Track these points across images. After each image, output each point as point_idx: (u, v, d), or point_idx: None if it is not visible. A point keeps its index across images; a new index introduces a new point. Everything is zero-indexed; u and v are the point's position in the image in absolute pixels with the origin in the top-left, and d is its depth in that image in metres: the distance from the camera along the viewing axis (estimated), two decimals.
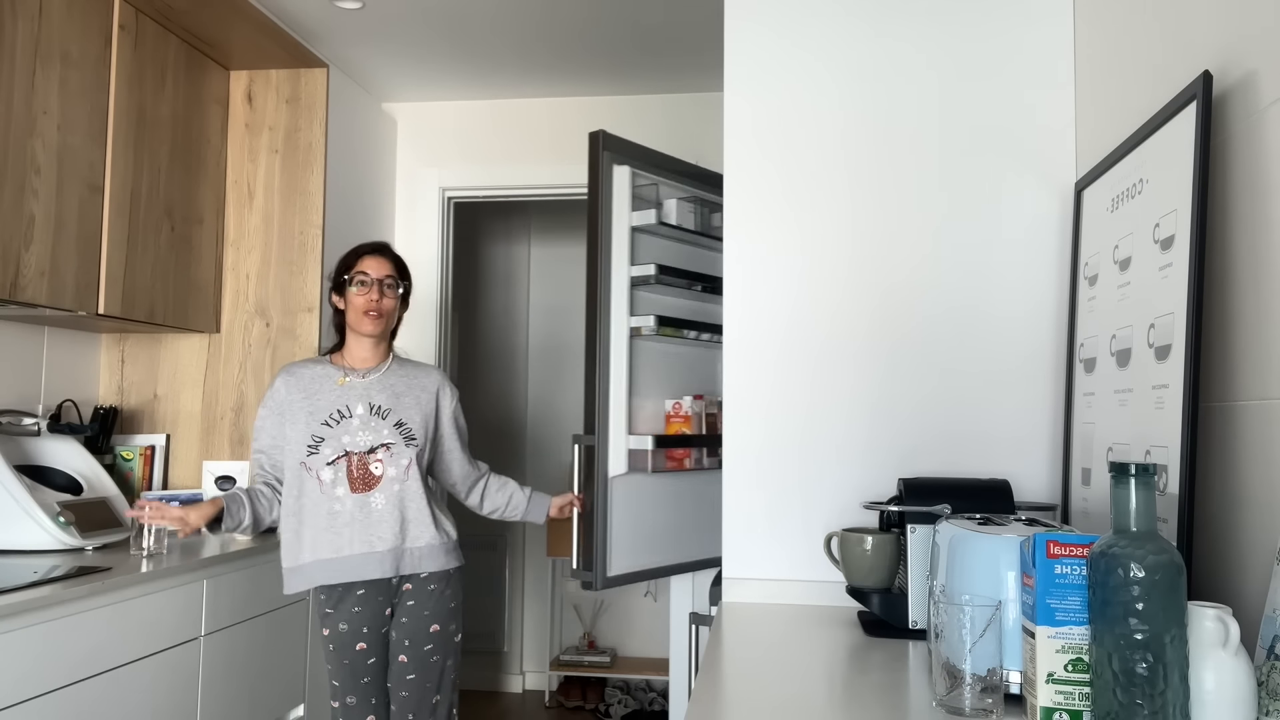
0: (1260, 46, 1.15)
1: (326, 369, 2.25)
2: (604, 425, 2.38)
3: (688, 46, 3.12)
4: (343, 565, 2.15)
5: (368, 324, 2.22)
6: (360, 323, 2.23)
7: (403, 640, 2.21)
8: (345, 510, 2.16)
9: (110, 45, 2.49)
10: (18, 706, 1.75)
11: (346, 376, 2.23)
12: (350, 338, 2.28)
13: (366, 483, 2.17)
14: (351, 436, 2.18)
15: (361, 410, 2.20)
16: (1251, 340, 1.16)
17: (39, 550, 2.24)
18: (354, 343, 2.27)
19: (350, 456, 2.17)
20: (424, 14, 2.90)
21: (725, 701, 1.16)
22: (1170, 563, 0.90)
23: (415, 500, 2.20)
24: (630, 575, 2.47)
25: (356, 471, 2.17)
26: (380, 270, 2.25)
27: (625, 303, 2.43)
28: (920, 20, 1.89)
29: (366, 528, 2.16)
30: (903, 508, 1.52)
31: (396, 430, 2.21)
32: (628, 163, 2.46)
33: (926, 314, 1.85)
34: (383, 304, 2.24)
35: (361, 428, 2.19)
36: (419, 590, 2.22)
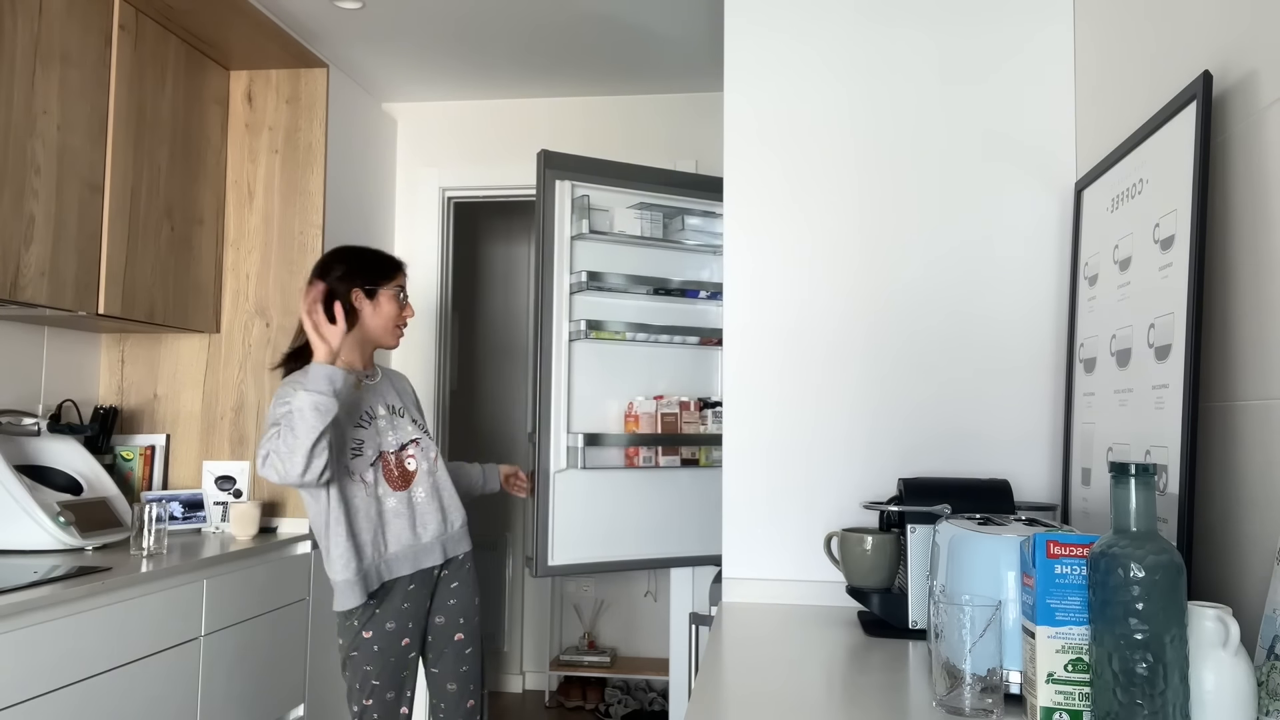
0: (1260, 46, 1.15)
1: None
2: (545, 422, 2.55)
3: (687, 47, 3.12)
4: (403, 557, 2.17)
5: (393, 338, 2.27)
6: (387, 334, 2.25)
7: (456, 619, 2.28)
8: (391, 508, 2.18)
9: (110, 45, 2.49)
10: (18, 706, 1.75)
11: (360, 379, 2.23)
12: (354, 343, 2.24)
13: (405, 479, 2.20)
14: (381, 437, 2.20)
15: (383, 411, 2.22)
16: (1251, 340, 1.16)
17: (39, 550, 2.24)
18: (357, 349, 2.25)
19: (385, 456, 2.19)
20: (424, 14, 2.90)
21: (725, 701, 1.16)
22: (1170, 563, 0.90)
23: (447, 487, 2.28)
24: (575, 566, 2.62)
25: (395, 470, 2.19)
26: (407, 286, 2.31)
27: (566, 308, 2.61)
28: (920, 21, 1.89)
29: (413, 521, 2.20)
30: (903, 508, 1.52)
31: (416, 426, 2.27)
32: (569, 177, 2.64)
33: (926, 314, 1.85)
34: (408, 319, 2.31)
35: (388, 428, 2.22)
36: (457, 571, 2.29)
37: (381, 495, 2.17)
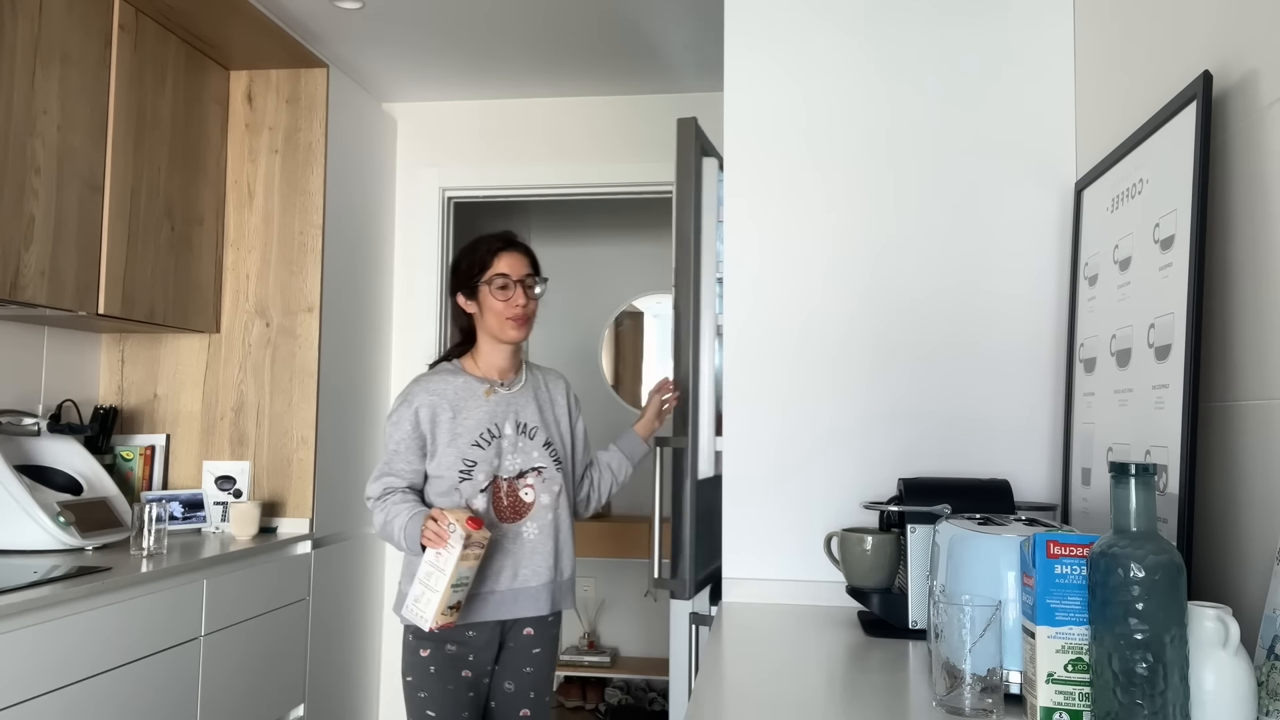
0: (1260, 46, 1.15)
1: (468, 381, 2.01)
2: (695, 428, 2.16)
3: (688, 46, 3.12)
4: (498, 601, 1.93)
5: (514, 330, 2.00)
6: (504, 330, 2.00)
7: (526, 691, 2.01)
8: (494, 541, 1.91)
9: (110, 45, 2.49)
10: (18, 706, 1.75)
11: (493, 387, 2.01)
12: (485, 344, 2.05)
13: (516, 510, 1.95)
14: (501, 459, 1.96)
15: (510, 430, 1.98)
16: (1251, 340, 1.16)
17: (39, 550, 2.24)
18: (490, 350, 2.04)
19: (499, 482, 1.95)
20: (424, 14, 2.90)
21: (725, 701, 1.16)
22: (1170, 563, 0.90)
23: (565, 529, 2.01)
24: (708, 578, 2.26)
25: (506, 499, 1.95)
26: (519, 268, 2.02)
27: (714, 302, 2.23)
28: (921, 20, 1.89)
29: (518, 560, 1.94)
30: (903, 508, 1.52)
31: (547, 452, 2.01)
32: (715, 155, 2.27)
33: (926, 313, 1.85)
34: (527, 308, 2.01)
35: (510, 450, 1.98)
36: (544, 633, 2.02)
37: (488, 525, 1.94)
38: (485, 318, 2.01)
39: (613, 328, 4.85)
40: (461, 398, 1.97)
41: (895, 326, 1.85)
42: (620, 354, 4.88)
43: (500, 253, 2.02)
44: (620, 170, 3.56)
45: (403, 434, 1.96)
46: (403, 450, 1.96)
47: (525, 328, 2.01)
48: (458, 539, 1.77)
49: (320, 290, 2.99)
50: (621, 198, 3.75)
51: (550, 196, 3.71)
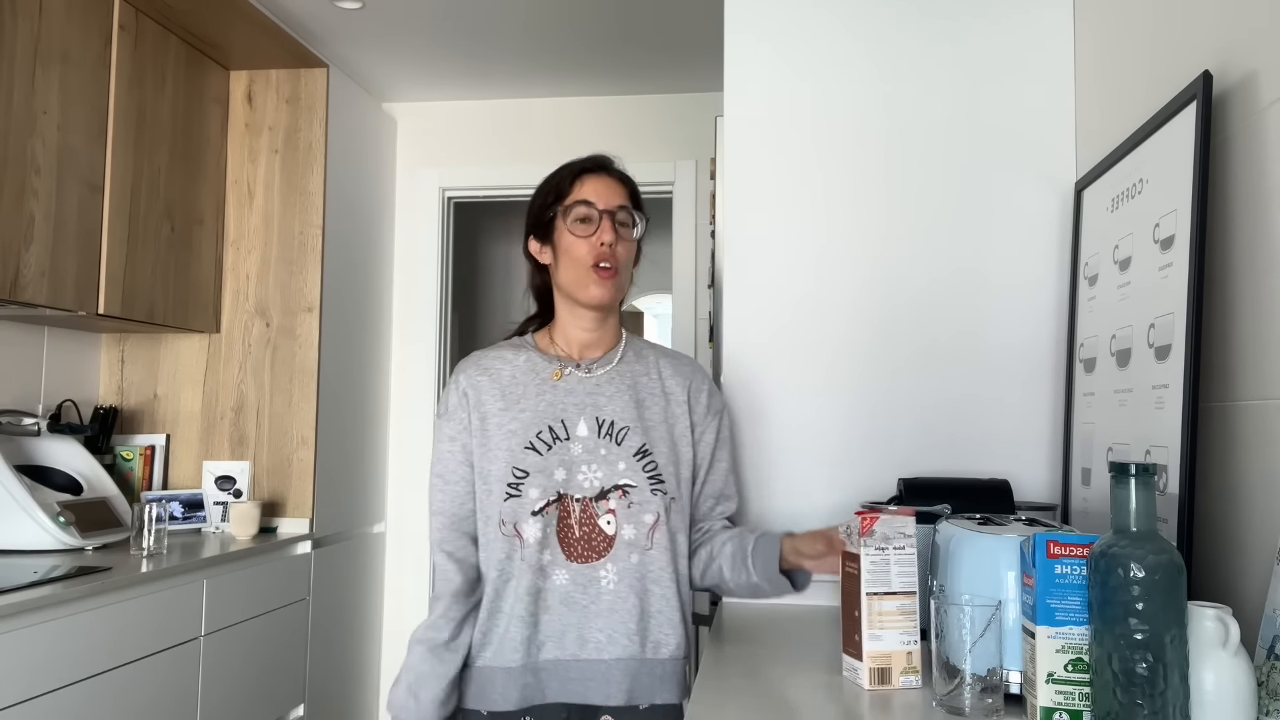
0: (1260, 46, 1.15)
1: (530, 357, 1.49)
2: None
3: (688, 46, 3.12)
4: (561, 674, 1.39)
5: (596, 284, 1.43)
6: (584, 283, 1.44)
7: None
8: (560, 588, 1.39)
9: (110, 45, 2.49)
10: (18, 706, 1.75)
11: (565, 368, 1.48)
12: (564, 311, 1.51)
13: (592, 545, 1.39)
14: (569, 471, 1.40)
15: (585, 428, 1.43)
16: (1251, 340, 1.16)
17: (39, 550, 2.24)
18: (569, 319, 1.50)
19: (567, 503, 1.39)
20: (424, 14, 2.90)
21: (725, 702, 1.16)
22: (1170, 563, 0.90)
23: (663, 581, 1.41)
24: None
25: (579, 529, 1.39)
26: (610, 197, 1.47)
27: None
28: (920, 20, 1.89)
29: (587, 618, 1.39)
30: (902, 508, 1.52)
31: (638, 463, 1.42)
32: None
33: (926, 313, 1.85)
34: (617, 250, 1.44)
35: (585, 457, 1.41)
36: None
37: (547, 564, 1.38)
38: (560, 267, 1.47)
39: None
40: (519, 380, 1.45)
41: (895, 326, 1.85)
42: None
43: (586, 175, 1.49)
44: None
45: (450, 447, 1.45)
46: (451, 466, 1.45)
47: (614, 282, 1.44)
48: None
49: (320, 290, 2.99)
50: None
51: None
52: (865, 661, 1.18)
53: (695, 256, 3.52)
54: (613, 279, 1.44)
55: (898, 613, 1.18)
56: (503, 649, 1.39)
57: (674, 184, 3.55)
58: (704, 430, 1.52)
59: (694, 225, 3.52)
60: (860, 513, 1.22)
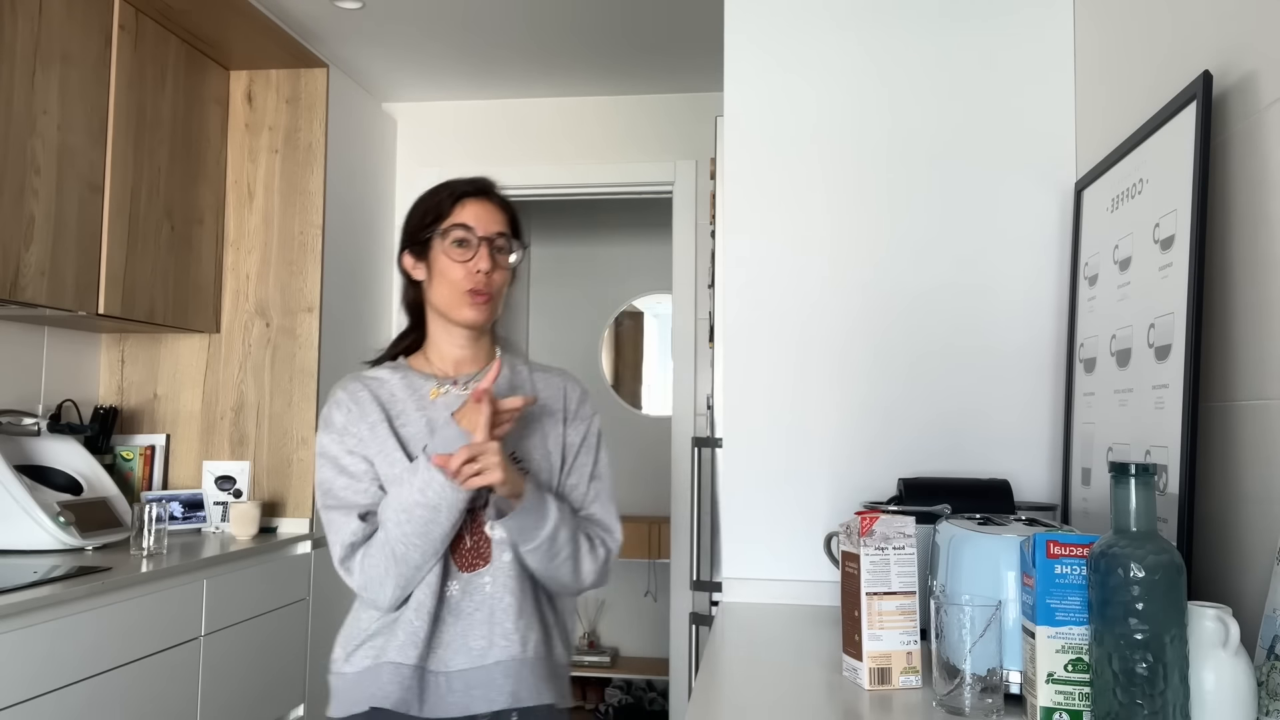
0: (1260, 46, 1.15)
1: (408, 377, 1.50)
2: None
3: (688, 46, 3.12)
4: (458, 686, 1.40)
5: (470, 309, 1.46)
6: (458, 305, 1.46)
7: None
8: (454, 600, 1.42)
9: (110, 45, 2.49)
10: (18, 706, 1.75)
11: (441, 386, 1.50)
12: (437, 328, 1.53)
13: (479, 553, 1.42)
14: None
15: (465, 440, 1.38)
16: (1251, 340, 1.16)
17: (39, 550, 2.24)
18: (443, 336, 1.52)
19: None
20: (424, 14, 2.90)
21: (725, 701, 1.16)
22: (1170, 563, 0.90)
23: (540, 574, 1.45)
24: None
25: (469, 538, 1.42)
26: (489, 224, 1.48)
27: None
28: (921, 20, 1.89)
29: (470, 625, 1.41)
30: (903, 508, 1.52)
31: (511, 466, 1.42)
32: None
33: (926, 313, 1.85)
34: (493, 277, 1.47)
35: None
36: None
37: (447, 573, 1.42)
38: (434, 287, 1.48)
39: (613, 328, 4.85)
40: (398, 398, 1.47)
41: (895, 326, 1.85)
42: (620, 354, 4.88)
43: (467, 199, 1.49)
44: (620, 170, 3.56)
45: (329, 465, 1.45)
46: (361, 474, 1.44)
47: (488, 307, 1.47)
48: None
49: (320, 290, 2.99)
50: (621, 198, 3.75)
51: (550, 196, 3.71)
52: (865, 661, 1.18)
53: (695, 256, 3.52)
54: (486, 304, 1.48)
55: (897, 613, 1.19)
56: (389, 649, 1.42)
57: (674, 184, 3.55)
58: (570, 431, 1.55)
59: (694, 225, 3.52)
60: (860, 513, 1.22)
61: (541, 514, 1.39)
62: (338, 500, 1.43)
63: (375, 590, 1.40)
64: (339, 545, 1.42)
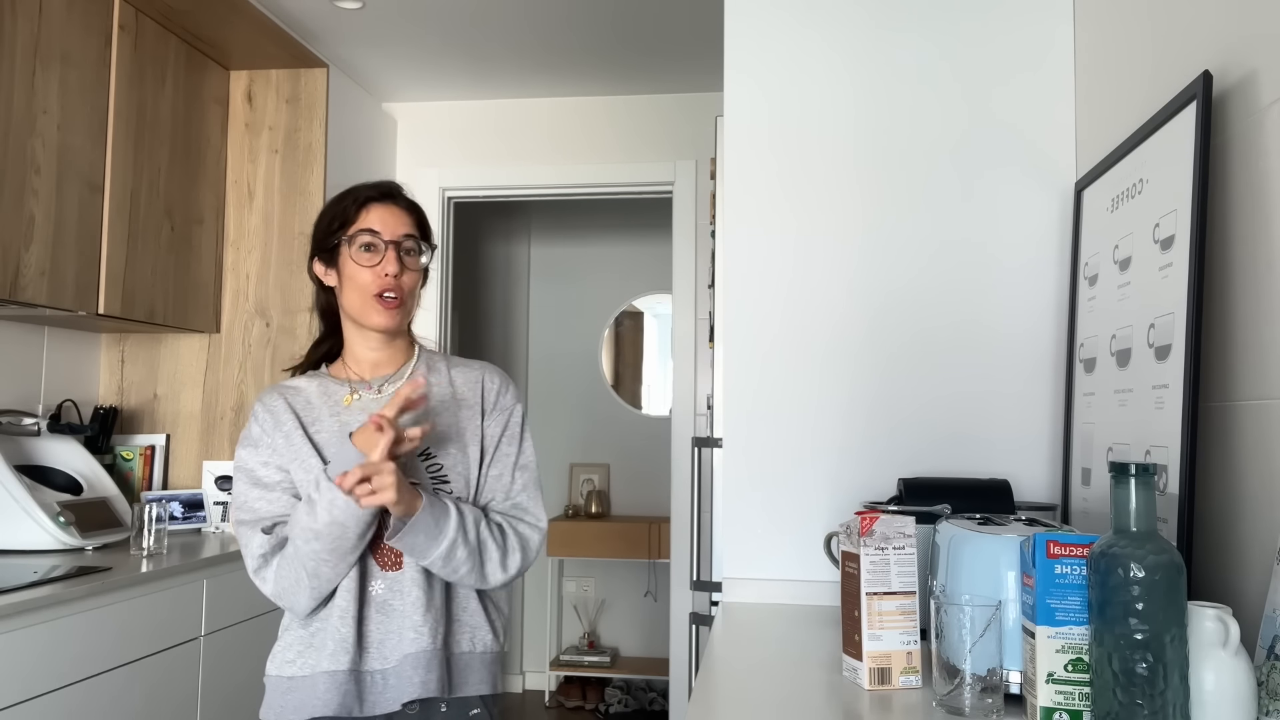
0: (1260, 46, 1.15)
1: (324, 384, 1.53)
2: None
3: (688, 46, 3.12)
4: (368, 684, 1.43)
5: (379, 313, 1.48)
6: (367, 310, 1.48)
7: None
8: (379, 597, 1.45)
9: (110, 45, 2.49)
10: (18, 706, 1.75)
11: (355, 393, 1.51)
12: (351, 333, 1.54)
13: (399, 553, 1.45)
14: None
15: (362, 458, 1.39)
16: (1251, 340, 1.16)
17: (39, 550, 2.24)
18: (357, 340, 1.54)
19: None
20: (424, 14, 2.90)
21: (725, 701, 1.16)
22: (1170, 563, 0.90)
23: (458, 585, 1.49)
24: None
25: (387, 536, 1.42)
26: (396, 227, 1.49)
27: None
28: (920, 20, 1.89)
29: (389, 621, 1.44)
30: (903, 508, 1.52)
31: (422, 465, 1.48)
32: None
33: (926, 313, 1.85)
34: (402, 280, 1.48)
35: None
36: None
37: (367, 573, 1.45)
38: (345, 293, 1.50)
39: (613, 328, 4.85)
40: (313, 405, 1.50)
41: (894, 326, 1.85)
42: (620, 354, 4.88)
43: (371, 204, 1.50)
44: (620, 170, 3.56)
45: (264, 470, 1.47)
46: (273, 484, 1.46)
47: (398, 311, 1.48)
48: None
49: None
50: (621, 198, 3.75)
51: (550, 196, 3.71)
52: (865, 661, 1.18)
53: (695, 256, 3.52)
54: (397, 308, 1.49)
55: (897, 613, 1.19)
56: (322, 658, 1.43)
57: (674, 184, 3.55)
58: (490, 423, 1.55)
59: (694, 225, 3.52)
60: (860, 513, 1.22)
61: (435, 533, 1.39)
62: (250, 513, 1.46)
63: (290, 599, 1.44)
64: (251, 558, 1.45)
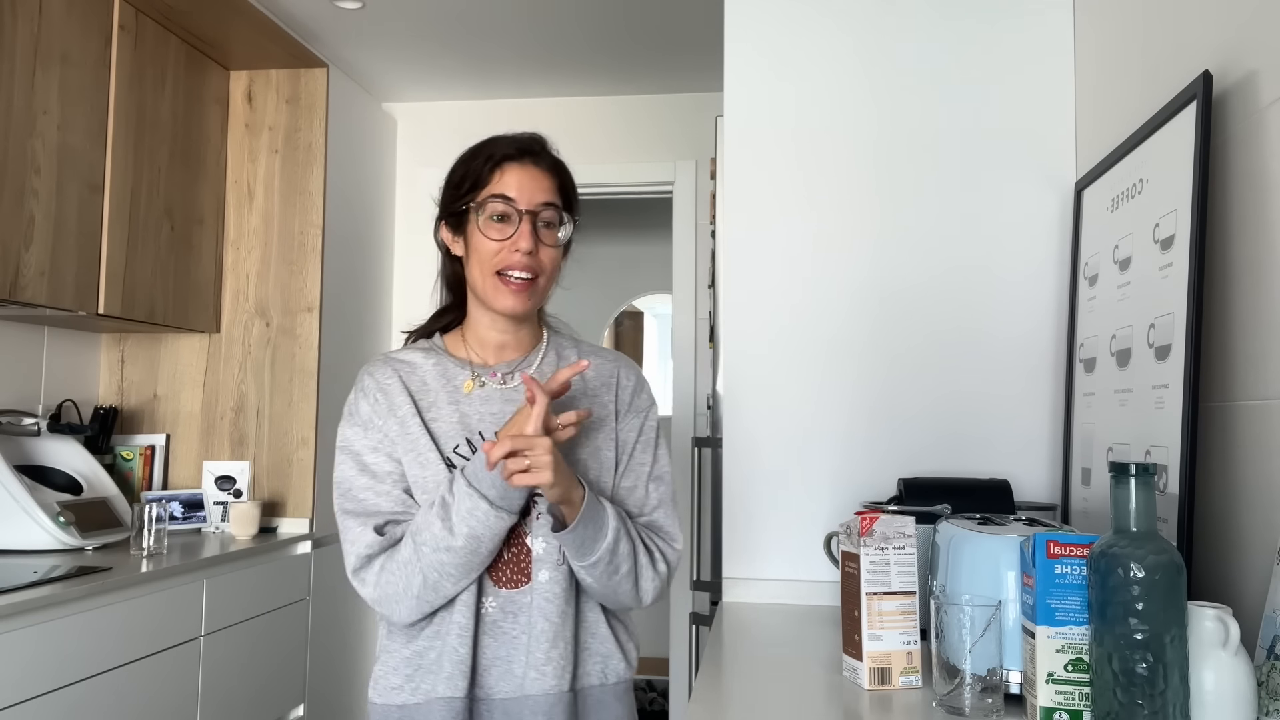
0: (1260, 46, 1.15)
1: (442, 363, 1.33)
2: None
3: (688, 46, 3.12)
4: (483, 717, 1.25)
5: (506, 295, 1.28)
6: (494, 291, 1.28)
7: None
8: (492, 618, 1.25)
9: (110, 45, 2.49)
10: (18, 706, 1.75)
11: (478, 377, 1.32)
12: (476, 310, 1.34)
13: (521, 568, 1.25)
14: None
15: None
16: (1251, 340, 1.16)
17: (39, 550, 2.24)
18: (482, 319, 1.34)
19: None
20: (424, 14, 2.90)
21: (725, 701, 1.16)
22: (1170, 563, 0.90)
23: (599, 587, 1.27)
24: None
25: (507, 551, 1.25)
26: (534, 193, 1.29)
27: None
28: (920, 20, 1.89)
29: (513, 649, 1.25)
30: (903, 508, 1.52)
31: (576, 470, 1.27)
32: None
33: (926, 313, 1.85)
34: (539, 257, 1.28)
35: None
36: None
37: (481, 590, 1.25)
38: (471, 266, 1.31)
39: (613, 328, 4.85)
40: (429, 388, 1.31)
41: (895, 326, 1.85)
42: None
43: (508, 164, 1.31)
44: (620, 170, 3.56)
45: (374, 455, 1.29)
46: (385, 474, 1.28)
47: (528, 294, 1.28)
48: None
49: (320, 290, 2.99)
50: (621, 198, 3.75)
51: None
52: (865, 661, 1.18)
53: (695, 256, 3.52)
54: (527, 289, 1.27)
55: (897, 613, 1.18)
56: (438, 682, 1.23)
57: (674, 184, 3.55)
58: (624, 425, 1.36)
59: (694, 225, 3.52)
60: (860, 513, 1.22)
61: (600, 523, 1.21)
62: (356, 504, 1.28)
63: (391, 606, 1.24)
64: (354, 555, 1.26)
